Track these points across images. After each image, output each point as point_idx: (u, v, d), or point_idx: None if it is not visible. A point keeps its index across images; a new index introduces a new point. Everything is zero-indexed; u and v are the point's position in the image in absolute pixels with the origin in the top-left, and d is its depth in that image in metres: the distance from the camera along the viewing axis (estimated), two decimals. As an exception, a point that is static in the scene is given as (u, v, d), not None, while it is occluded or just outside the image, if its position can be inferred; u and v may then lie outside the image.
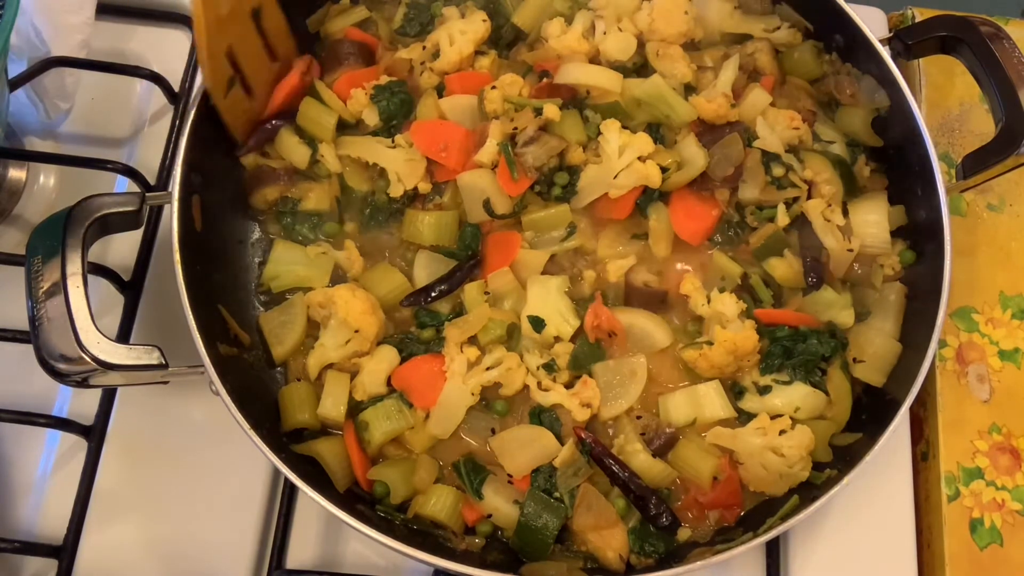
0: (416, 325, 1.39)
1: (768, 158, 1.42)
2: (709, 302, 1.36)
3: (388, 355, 1.35)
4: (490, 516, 1.30)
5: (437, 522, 1.29)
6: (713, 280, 1.42)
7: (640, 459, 1.30)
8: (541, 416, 1.33)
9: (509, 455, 1.30)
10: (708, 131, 1.44)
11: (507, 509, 1.29)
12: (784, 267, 1.40)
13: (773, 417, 1.30)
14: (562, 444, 1.30)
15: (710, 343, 1.33)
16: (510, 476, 1.30)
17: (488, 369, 1.33)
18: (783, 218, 1.41)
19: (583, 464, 1.29)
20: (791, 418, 1.31)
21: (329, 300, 1.35)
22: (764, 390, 1.34)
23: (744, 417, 1.34)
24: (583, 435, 1.30)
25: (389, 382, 1.35)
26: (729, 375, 1.36)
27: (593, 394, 1.32)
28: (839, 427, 1.34)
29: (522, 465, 1.29)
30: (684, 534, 1.30)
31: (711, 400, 1.33)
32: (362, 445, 1.32)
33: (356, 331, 1.33)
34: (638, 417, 1.34)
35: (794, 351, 1.35)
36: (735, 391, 1.36)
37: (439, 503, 1.28)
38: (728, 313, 1.34)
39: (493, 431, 1.32)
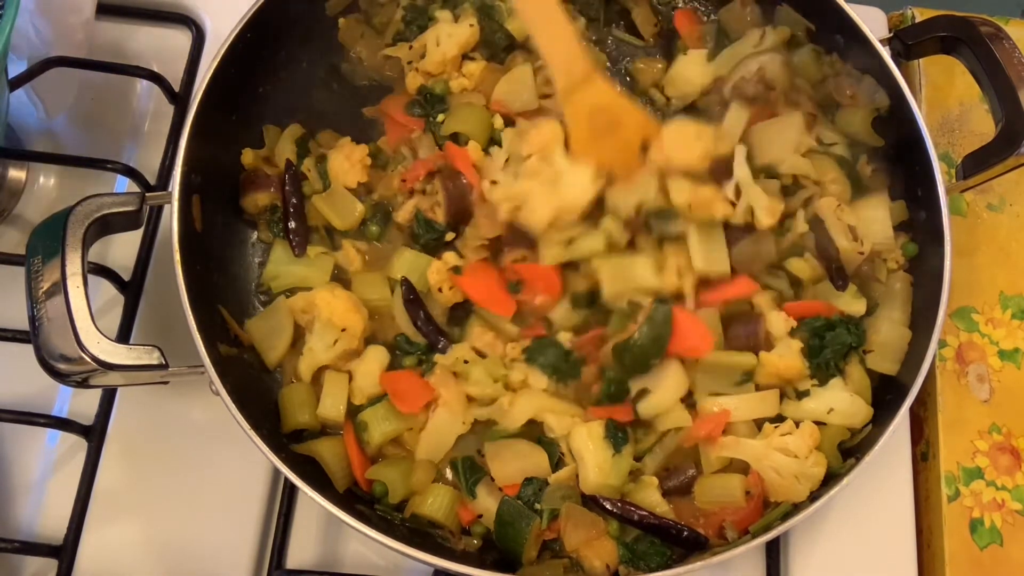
0: (397, 349, 1.39)
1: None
2: None
3: (378, 355, 1.35)
4: (481, 516, 1.30)
5: (434, 521, 1.29)
6: None
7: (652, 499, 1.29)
8: (541, 438, 1.32)
9: (500, 463, 1.29)
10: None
11: (491, 511, 1.29)
12: (808, 268, 1.39)
13: (775, 424, 1.31)
14: (558, 466, 1.30)
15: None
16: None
17: (483, 404, 1.33)
18: (802, 225, 1.39)
19: (575, 492, 1.28)
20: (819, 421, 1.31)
21: (310, 304, 1.35)
22: (803, 395, 1.33)
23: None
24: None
25: (383, 382, 1.35)
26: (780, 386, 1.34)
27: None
28: (859, 425, 1.33)
29: (510, 475, 1.29)
30: None
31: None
32: (361, 445, 1.32)
33: (343, 330, 1.33)
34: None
35: (825, 339, 1.34)
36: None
37: (436, 502, 1.28)
38: (777, 332, 1.34)
39: (480, 452, 1.32)
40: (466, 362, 1.33)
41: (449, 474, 1.33)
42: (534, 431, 1.33)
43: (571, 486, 1.29)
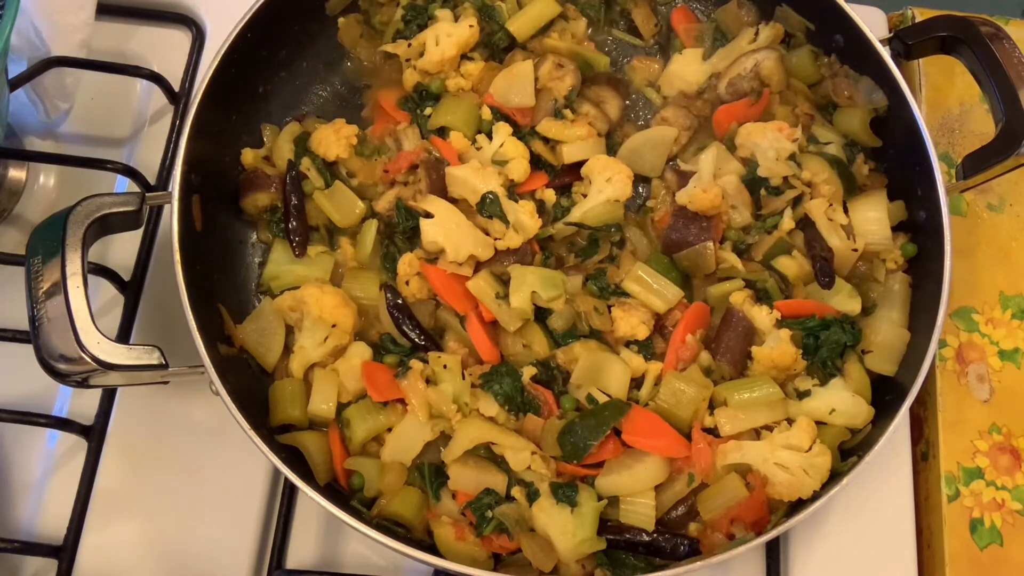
0: (381, 348, 1.38)
1: (760, 181, 1.43)
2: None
3: (362, 352, 1.36)
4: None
5: (402, 520, 1.28)
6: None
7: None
8: (501, 462, 1.31)
9: (459, 473, 1.29)
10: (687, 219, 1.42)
11: (456, 516, 1.29)
12: (795, 265, 1.40)
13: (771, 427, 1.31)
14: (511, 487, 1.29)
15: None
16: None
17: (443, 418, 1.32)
18: (788, 223, 1.41)
19: (525, 519, 1.27)
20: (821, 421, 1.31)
21: (299, 301, 1.35)
22: (804, 395, 1.33)
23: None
24: None
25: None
26: (780, 382, 1.34)
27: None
28: (861, 425, 1.32)
29: (466, 484, 1.29)
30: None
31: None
32: (344, 442, 1.32)
33: (333, 325, 1.34)
34: None
35: (820, 338, 1.35)
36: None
37: (405, 500, 1.28)
38: (762, 326, 1.34)
39: (444, 464, 1.31)
40: (445, 367, 1.33)
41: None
42: (494, 453, 1.32)
43: (523, 511, 1.27)
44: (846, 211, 1.43)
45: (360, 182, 1.47)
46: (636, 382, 1.37)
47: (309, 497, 1.19)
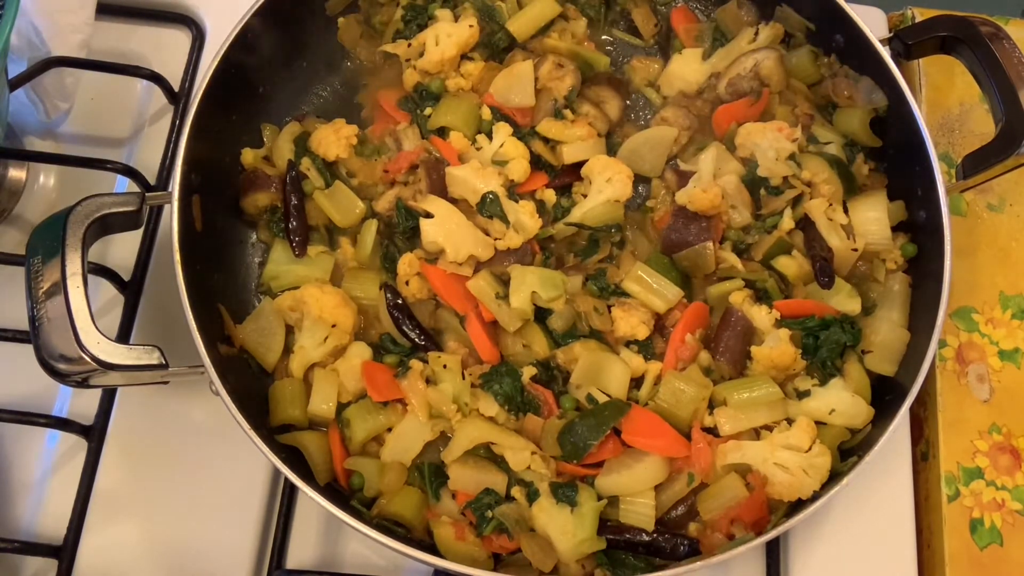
0: (381, 348, 1.38)
1: (760, 181, 1.43)
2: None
3: (362, 353, 1.36)
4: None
5: (402, 520, 1.29)
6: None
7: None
8: (501, 462, 1.31)
9: (459, 473, 1.29)
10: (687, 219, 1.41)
11: (456, 516, 1.29)
12: (795, 265, 1.40)
13: (771, 427, 1.31)
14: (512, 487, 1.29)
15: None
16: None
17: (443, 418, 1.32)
18: (788, 223, 1.41)
19: (525, 519, 1.27)
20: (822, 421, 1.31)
21: (299, 301, 1.35)
22: (803, 395, 1.33)
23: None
24: None
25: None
26: (779, 382, 1.34)
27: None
28: (860, 425, 1.32)
29: (467, 485, 1.29)
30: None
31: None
32: (344, 442, 1.32)
33: (333, 325, 1.34)
34: None
35: (820, 338, 1.35)
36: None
37: (405, 500, 1.28)
38: (762, 326, 1.35)
39: (444, 464, 1.31)
40: (445, 367, 1.33)
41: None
42: (494, 453, 1.32)
43: (523, 512, 1.27)
44: (846, 211, 1.43)
45: (360, 182, 1.48)
46: (636, 382, 1.37)
47: (309, 497, 1.19)
